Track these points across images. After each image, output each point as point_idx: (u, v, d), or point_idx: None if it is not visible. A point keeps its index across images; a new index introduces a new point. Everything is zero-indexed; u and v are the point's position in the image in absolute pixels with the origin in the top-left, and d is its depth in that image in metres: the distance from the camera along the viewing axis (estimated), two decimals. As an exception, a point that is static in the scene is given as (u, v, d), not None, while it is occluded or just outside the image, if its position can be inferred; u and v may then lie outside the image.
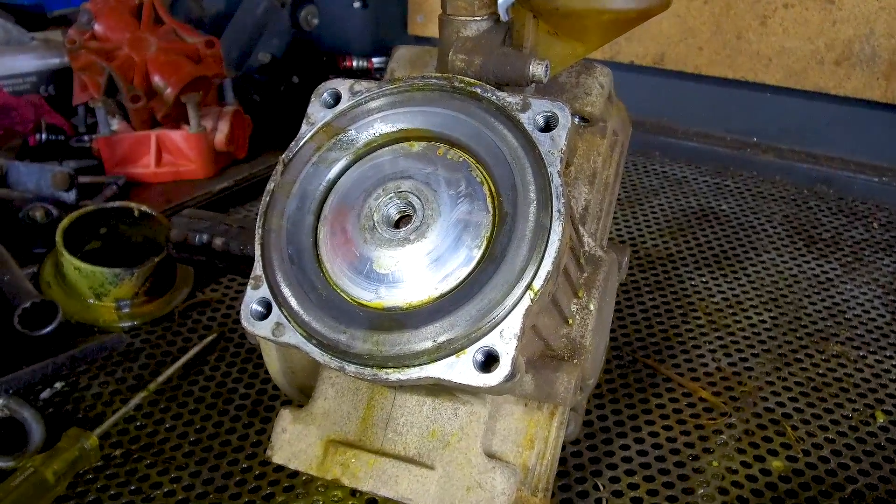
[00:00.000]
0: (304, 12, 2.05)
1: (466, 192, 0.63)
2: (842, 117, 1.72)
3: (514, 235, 0.60)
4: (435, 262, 0.61)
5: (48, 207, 1.36)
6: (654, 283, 1.35)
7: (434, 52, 0.78)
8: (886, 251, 1.46)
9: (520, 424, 0.75)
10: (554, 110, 0.63)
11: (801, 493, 0.94)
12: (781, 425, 1.04)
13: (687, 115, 1.86)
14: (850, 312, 1.28)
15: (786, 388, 1.11)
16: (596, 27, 0.67)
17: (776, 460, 0.99)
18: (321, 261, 0.65)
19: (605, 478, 0.95)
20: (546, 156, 0.62)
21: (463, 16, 0.70)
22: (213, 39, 1.71)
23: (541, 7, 0.66)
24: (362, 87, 0.69)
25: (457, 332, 0.59)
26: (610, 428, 1.03)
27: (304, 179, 0.68)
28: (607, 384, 1.11)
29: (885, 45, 1.62)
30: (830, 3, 1.64)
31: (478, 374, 0.59)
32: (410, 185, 0.64)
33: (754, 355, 1.18)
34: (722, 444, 1.01)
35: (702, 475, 0.96)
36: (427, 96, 0.67)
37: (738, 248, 1.46)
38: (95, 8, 1.68)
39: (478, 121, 0.65)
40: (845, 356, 1.18)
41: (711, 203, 1.63)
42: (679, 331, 1.23)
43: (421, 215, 0.63)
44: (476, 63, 0.69)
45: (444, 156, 0.65)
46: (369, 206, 0.64)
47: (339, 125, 0.69)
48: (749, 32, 1.73)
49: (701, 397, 1.09)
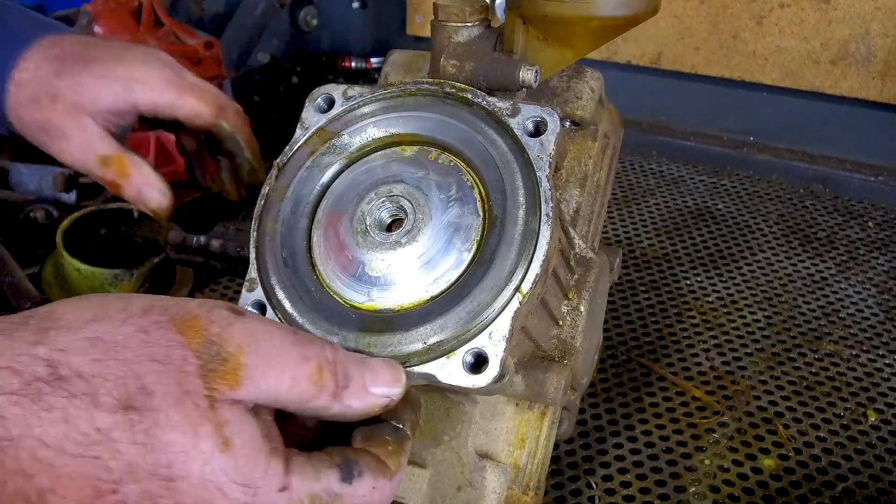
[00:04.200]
0: (303, 13, 2.05)
1: (457, 196, 0.64)
2: (838, 117, 1.73)
3: (504, 239, 0.61)
4: (426, 265, 0.62)
5: (49, 208, 1.37)
6: (649, 282, 1.36)
7: (427, 56, 0.79)
8: (881, 250, 1.47)
9: (511, 424, 0.76)
10: (543, 115, 0.64)
11: (791, 491, 0.95)
12: (773, 424, 1.05)
13: (684, 114, 1.87)
14: (843, 312, 1.29)
15: (778, 387, 1.12)
16: (584, 33, 0.68)
17: (767, 459, 1.00)
18: (315, 264, 0.66)
19: (597, 476, 0.97)
20: (535, 160, 0.63)
21: (454, 22, 0.71)
22: (213, 41, 1.72)
23: (530, 14, 0.67)
24: (356, 93, 0.70)
25: (447, 334, 0.60)
26: (603, 427, 1.04)
27: (298, 183, 0.69)
28: (601, 383, 1.12)
29: (880, 45, 1.62)
30: (826, 3, 1.64)
31: (467, 376, 0.60)
32: (402, 189, 0.65)
33: (748, 354, 1.19)
34: (714, 442, 1.02)
35: (693, 473, 0.97)
36: (419, 101, 0.68)
37: (734, 248, 1.47)
38: (95, 10, 1.69)
39: (469, 125, 0.66)
40: (838, 355, 1.19)
41: (707, 202, 1.64)
42: (673, 330, 1.24)
43: (412, 219, 0.64)
44: (467, 68, 0.70)
45: (436, 160, 0.66)
46: (361, 210, 0.65)
47: (333, 130, 0.70)
48: (745, 32, 1.74)
49: (694, 396, 1.10)
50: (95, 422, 0.42)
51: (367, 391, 0.53)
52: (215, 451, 0.44)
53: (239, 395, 0.46)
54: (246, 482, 0.45)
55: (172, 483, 0.43)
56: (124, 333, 0.45)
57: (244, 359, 0.46)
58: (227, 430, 0.45)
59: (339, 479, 0.49)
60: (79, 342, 0.44)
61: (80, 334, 0.45)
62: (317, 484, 0.48)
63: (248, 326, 0.49)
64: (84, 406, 0.42)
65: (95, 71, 0.88)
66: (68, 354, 0.44)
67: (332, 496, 0.48)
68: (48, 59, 0.88)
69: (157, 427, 0.43)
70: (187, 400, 0.44)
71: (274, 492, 0.46)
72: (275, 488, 0.46)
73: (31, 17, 0.95)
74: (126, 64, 0.89)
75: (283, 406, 0.50)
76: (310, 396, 0.49)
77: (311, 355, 0.50)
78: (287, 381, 0.48)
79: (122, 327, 0.46)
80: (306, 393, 0.49)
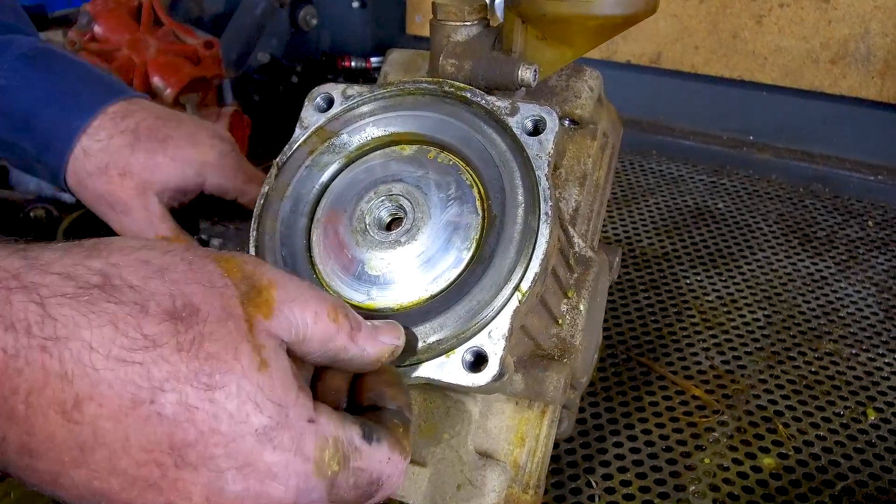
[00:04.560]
0: (303, 12, 2.06)
1: (456, 195, 0.64)
2: (837, 116, 1.73)
3: (503, 238, 0.61)
4: (425, 263, 0.63)
5: (49, 208, 1.37)
6: (649, 281, 1.36)
7: (427, 55, 0.80)
8: (881, 249, 1.47)
9: (511, 422, 0.76)
10: (542, 114, 0.64)
11: (791, 490, 0.95)
12: (773, 423, 1.05)
13: (683, 113, 1.87)
14: (843, 311, 1.29)
15: (778, 386, 1.12)
16: (583, 32, 0.68)
17: (767, 457, 1.00)
18: (314, 263, 0.66)
19: (597, 475, 0.97)
20: (534, 159, 0.63)
21: (453, 21, 0.71)
22: (212, 40, 1.72)
23: (528, 13, 0.67)
24: (354, 92, 0.70)
25: (446, 333, 0.60)
26: (603, 425, 1.04)
27: (298, 182, 0.69)
28: (601, 382, 1.12)
29: (880, 44, 1.62)
30: (826, 3, 1.65)
31: (467, 374, 0.60)
32: (401, 188, 0.65)
33: (747, 353, 1.19)
34: (714, 441, 1.02)
35: (693, 472, 0.97)
36: (418, 100, 0.69)
37: (734, 247, 1.47)
38: (95, 9, 1.69)
39: (468, 125, 0.66)
40: (838, 354, 1.19)
41: (707, 202, 1.64)
42: (673, 329, 1.24)
43: (412, 218, 0.64)
44: (466, 68, 0.70)
45: (435, 159, 0.66)
46: (361, 209, 0.65)
47: (332, 129, 0.70)
48: (745, 31, 1.74)
49: (694, 395, 1.10)
50: (143, 328, 0.44)
51: (376, 338, 0.55)
52: (253, 368, 0.46)
53: (273, 327, 0.48)
54: (280, 402, 0.46)
55: (211, 393, 0.44)
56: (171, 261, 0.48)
57: (275, 293, 0.49)
58: (264, 353, 0.47)
59: (361, 436, 0.51)
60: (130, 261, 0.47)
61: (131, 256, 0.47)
62: (341, 431, 0.50)
63: (274, 270, 0.52)
64: (133, 313, 0.44)
65: (170, 151, 0.91)
66: (120, 269, 0.46)
67: (353, 448, 0.50)
68: (121, 132, 0.90)
69: (202, 338, 0.45)
70: (229, 320, 0.46)
71: (303, 420, 0.48)
72: (304, 418, 0.48)
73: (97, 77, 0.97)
74: (198, 146, 0.93)
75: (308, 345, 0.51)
76: (331, 333, 0.52)
77: (327, 298, 0.53)
78: (311, 316, 0.51)
79: (168, 256, 0.48)
80: (328, 329, 0.52)
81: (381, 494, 0.53)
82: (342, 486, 0.50)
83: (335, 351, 0.53)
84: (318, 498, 0.48)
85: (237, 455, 0.45)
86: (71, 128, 0.90)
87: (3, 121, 0.91)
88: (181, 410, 0.44)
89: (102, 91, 0.94)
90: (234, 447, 0.45)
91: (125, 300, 0.44)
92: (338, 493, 0.50)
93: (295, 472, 0.47)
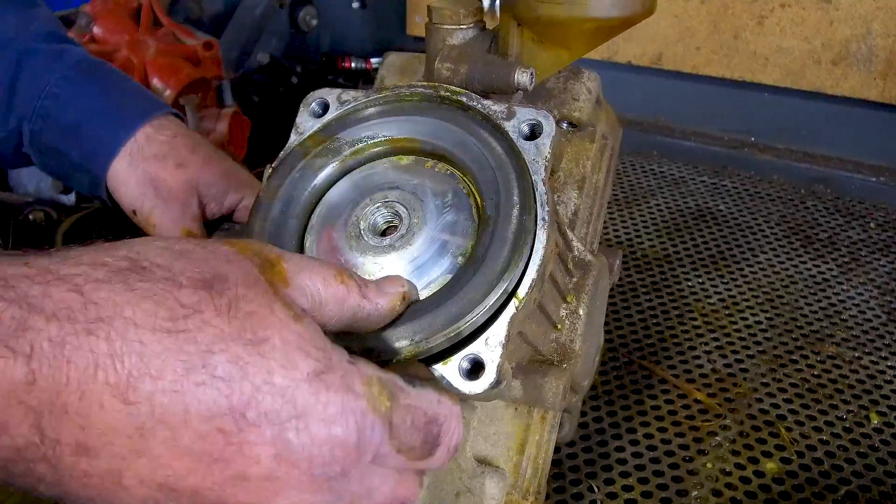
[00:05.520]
0: (302, 13, 2.05)
1: (453, 203, 0.63)
2: (839, 117, 1.72)
3: (496, 237, 0.60)
4: (419, 268, 0.62)
5: (48, 210, 1.37)
6: (650, 283, 1.36)
7: (423, 58, 0.79)
8: (883, 251, 1.46)
9: (510, 428, 0.75)
10: (539, 118, 0.63)
11: (794, 495, 0.94)
12: (776, 427, 1.04)
13: (684, 114, 1.86)
14: (845, 313, 1.28)
15: (781, 390, 1.11)
16: (579, 35, 0.68)
17: (770, 462, 0.99)
18: (307, 267, 0.66)
19: (599, 479, 0.96)
20: (531, 164, 0.62)
21: (449, 24, 0.71)
22: (212, 41, 1.72)
23: (524, 16, 0.66)
24: (350, 97, 0.69)
25: (434, 330, 0.59)
26: (605, 429, 1.04)
27: (290, 185, 0.68)
28: (603, 385, 1.11)
29: (881, 45, 1.62)
30: (827, 3, 1.64)
31: (464, 382, 0.59)
32: (397, 194, 0.64)
33: (750, 356, 1.18)
34: (716, 445, 1.01)
35: (696, 477, 0.97)
36: (414, 105, 0.68)
37: (735, 249, 1.46)
38: (94, 10, 1.68)
39: (464, 129, 0.65)
40: (841, 357, 1.18)
41: (709, 203, 1.63)
42: (675, 332, 1.23)
43: (407, 223, 0.63)
44: (462, 71, 0.69)
45: (433, 168, 0.66)
46: (356, 215, 0.64)
47: (327, 134, 0.69)
48: (746, 32, 1.73)
49: (696, 399, 1.09)
50: (180, 299, 0.45)
51: (384, 290, 0.56)
52: (290, 320, 0.47)
53: (292, 294, 0.50)
54: (321, 347, 0.48)
55: (258, 347, 0.45)
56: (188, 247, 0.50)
57: (285, 265, 0.51)
58: (295, 308, 0.49)
59: (403, 380, 0.52)
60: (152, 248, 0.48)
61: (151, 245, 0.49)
62: (382, 373, 0.50)
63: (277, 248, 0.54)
64: (168, 288, 0.45)
65: (226, 166, 0.95)
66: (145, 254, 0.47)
67: (398, 388, 0.51)
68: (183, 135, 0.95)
69: (237, 300, 0.46)
70: (257, 284, 0.48)
71: (345, 361, 0.49)
72: (346, 359, 0.49)
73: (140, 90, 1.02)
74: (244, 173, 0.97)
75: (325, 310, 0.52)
76: (343, 294, 0.53)
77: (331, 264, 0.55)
78: (321, 281, 0.52)
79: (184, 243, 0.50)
80: (339, 291, 0.53)
81: (446, 442, 0.53)
82: (401, 428, 0.50)
83: (352, 310, 0.54)
84: (380, 439, 0.48)
85: (295, 402, 0.45)
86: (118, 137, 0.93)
87: (54, 128, 0.93)
88: (234, 369, 0.44)
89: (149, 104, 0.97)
90: (290, 395, 0.45)
91: (157, 277, 0.45)
92: (399, 438, 0.50)
93: (351, 410, 0.47)
